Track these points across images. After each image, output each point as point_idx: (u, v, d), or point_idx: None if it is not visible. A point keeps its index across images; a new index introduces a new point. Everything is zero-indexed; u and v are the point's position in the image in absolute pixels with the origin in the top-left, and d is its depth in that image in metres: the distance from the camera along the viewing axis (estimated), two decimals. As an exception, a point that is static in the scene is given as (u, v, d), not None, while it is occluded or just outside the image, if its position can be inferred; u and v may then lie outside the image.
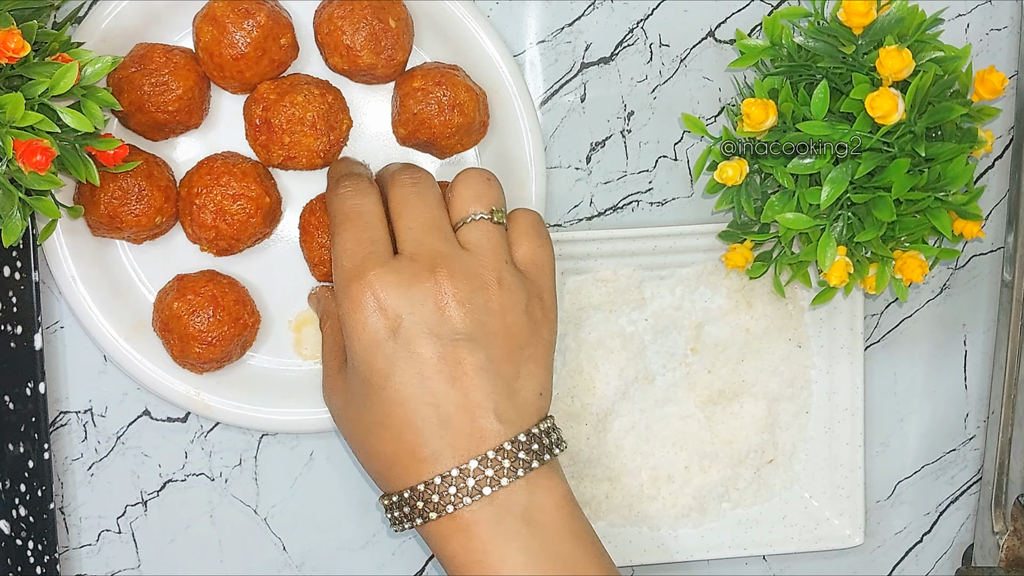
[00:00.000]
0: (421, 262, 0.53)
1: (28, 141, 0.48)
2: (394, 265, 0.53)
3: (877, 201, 0.55)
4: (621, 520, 0.66)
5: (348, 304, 0.53)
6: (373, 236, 0.54)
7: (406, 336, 0.52)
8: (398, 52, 0.60)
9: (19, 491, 0.61)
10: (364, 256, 0.53)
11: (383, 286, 0.52)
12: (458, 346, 0.52)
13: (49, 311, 0.62)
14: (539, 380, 0.54)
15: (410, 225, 0.54)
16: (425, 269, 0.53)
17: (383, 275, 0.52)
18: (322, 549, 0.66)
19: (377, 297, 0.52)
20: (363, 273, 0.52)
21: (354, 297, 0.52)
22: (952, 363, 0.71)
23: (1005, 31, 0.67)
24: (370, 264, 0.52)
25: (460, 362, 0.52)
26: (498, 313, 0.53)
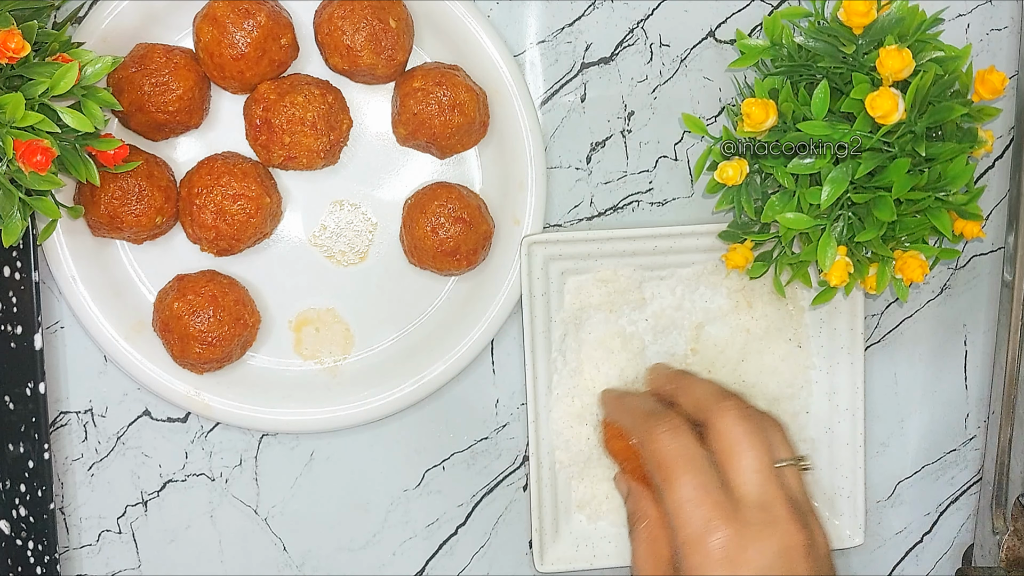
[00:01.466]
0: (770, 511, 0.52)
1: (28, 141, 0.48)
2: (744, 516, 0.52)
3: (877, 201, 0.55)
4: (621, 520, 0.66)
5: (700, 557, 0.52)
6: (708, 483, 0.53)
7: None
8: (398, 52, 0.60)
9: (19, 491, 0.61)
10: (712, 507, 0.52)
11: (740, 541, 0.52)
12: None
13: (49, 311, 0.62)
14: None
15: (753, 468, 0.53)
16: (774, 521, 0.52)
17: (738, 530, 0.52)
18: (322, 549, 0.67)
19: (732, 552, 0.51)
20: (716, 527, 0.52)
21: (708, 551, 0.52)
22: (952, 363, 0.71)
23: (1005, 31, 0.67)
24: (721, 517, 0.52)
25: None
26: (824, 557, 0.54)
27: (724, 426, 0.55)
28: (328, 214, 0.64)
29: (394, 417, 0.65)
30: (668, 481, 0.54)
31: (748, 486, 0.53)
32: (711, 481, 0.53)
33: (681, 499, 0.53)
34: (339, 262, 0.64)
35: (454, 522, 0.67)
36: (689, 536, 0.52)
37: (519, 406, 0.67)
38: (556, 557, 0.65)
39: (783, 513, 0.52)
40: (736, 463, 0.54)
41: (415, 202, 0.62)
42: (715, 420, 0.55)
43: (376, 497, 0.66)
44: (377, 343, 0.65)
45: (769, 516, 0.52)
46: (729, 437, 0.54)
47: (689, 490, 0.53)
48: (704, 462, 0.54)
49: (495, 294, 0.63)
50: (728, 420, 0.55)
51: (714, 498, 0.53)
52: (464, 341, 0.63)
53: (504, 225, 0.63)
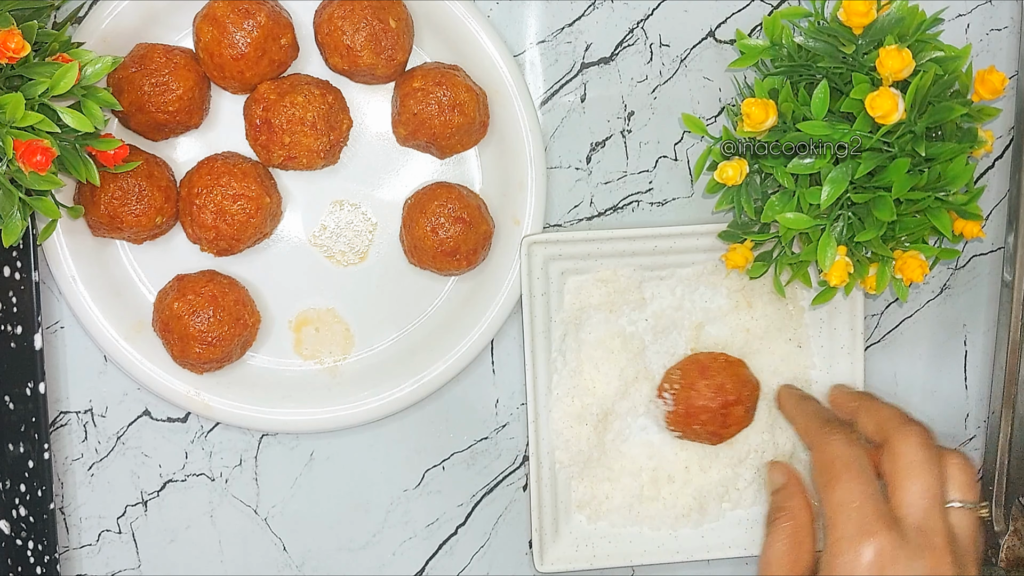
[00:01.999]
0: (928, 537, 0.53)
1: (28, 141, 0.48)
2: (905, 532, 0.52)
3: (877, 201, 0.55)
4: (621, 520, 0.66)
5: (852, 556, 0.52)
6: (875, 493, 0.54)
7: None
8: (398, 52, 0.60)
9: (19, 491, 0.61)
10: (873, 512, 0.53)
11: (893, 550, 0.52)
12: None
13: (49, 311, 0.62)
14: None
15: (922, 494, 0.53)
16: (930, 546, 0.52)
17: (895, 539, 0.52)
18: (322, 549, 0.67)
19: (884, 559, 0.52)
20: (874, 531, 0.52)
21: (860, 552, 0.52)
22: (952, 363, 0.71)
23: (1005, 31, 0.67)
24: (880, 524, 0.52)
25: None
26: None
27: (903, 448, 0.55)
28: (328, 214, 0.64)
29: (394, 417, 0.65)
30: (833, 483, 0.54)
31: (911, 508, 0.53)
32: (876, 492, 0.54)
33: (843, 500, 0.53)
34: (339, 262, 0.64)
35: (454, 522, 0.67)
36: (843, 535, 0.53)
37: (519, 406, 0.67)
38: (556, 557, 0.65)
39: (940, 543, 0.53)
40: (905, 485, 0.54)
41: (415, 202, 0.62)
42: (895, 441, 0.55)
43: (376, 497, 0.66)
44: (377, 343, 0.65)
45: (926, 540, 0.52)
46: (905, 459, 0.54)
47: (854, 493, 0.53)
48: (872, 474, 0.54)
49: (495, 294, 0.63)
50: (908, 443, 0.55)
51: (876, 506, 0.53)
52: (464, 341, 0.63)
53: (504, 225, 0.63)
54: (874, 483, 0.54)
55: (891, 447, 0.55)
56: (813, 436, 0.58)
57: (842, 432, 0.57)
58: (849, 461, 0.55)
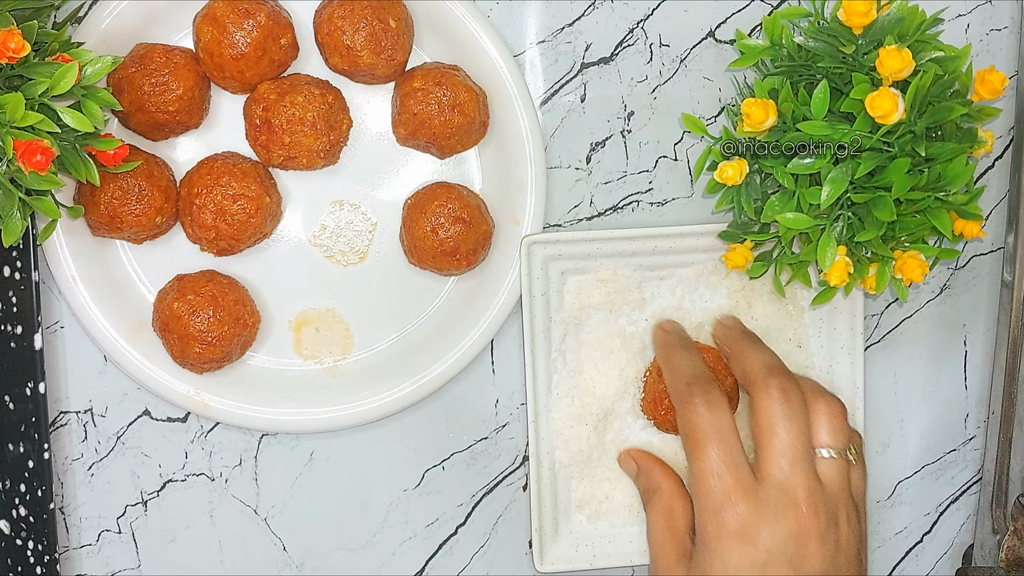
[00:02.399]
0: (790, 495, 0.53)
1: (28, 141, 0.48)
2: (763, 495, 0.53)
3: (877, 201, 0.55)
4: (621, 520, 0.66)
5: (715, 527, 0.53)
6: (736, 459, 0.54)
7: (769, 568, 0.52)
8: (398, 52, 0.60)
9: (19, 491, 0.61)
10: (732, 482, 0.54)
11: (753, 517, 0.53)
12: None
13: (49, 311, 0.62)
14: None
15: (782, 452, 0.54)
16: (793, 504, 0.53)
17: (754, 507, 0.53)
18: (322, 549, 0.67)
19: (746, 526, 0.53)
20: (733, 500, 0.53)
21: (722, 522, 0.53)
22: (952, 363, 0.71)
23: (1005, 31, 0.67)
24: (739, 492, 0.53)
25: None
26: (844, 551, 0.54)
27: (764, 404, 0.55)
28: (328, 214, 0.64)
29: (394, 417, 0.65)
30: (695, 452, 0.55)
31: (772, 468, 0.54)
32: (737, 458, 0.54)
33: (705, 470, 0.54)
34: (339, 262, 0.64)
35: (454, 522, 0.67)
36: (707, 506, 0.54)
37: (519, 406, 0.67)
38: (556, 557, 0.65)
39: (802, 497, 0.53)
40: (767, 444, 0.55)
41: (415, 202, 0.62)
42: (757, 397, 0.56)
43: (376, 497, 0.66)
44: (377, 343, 0.65)
45: (787, 499, 0.53)
46: (766, 416, 0.55)
47: (714, 463, 0.54)
48: (733, 438, 0.55)
49: (495, 294, 0.63)
50: (768, 399, 0.55)
51: (737, 474, 0.54)
52: (464, 341, 0.63)
53: (504, 225, 0.63)
54: (734, 448, 0.54)
55: (753, 403, 0.56)
56: (677, 399, 0.58)
57: (703, 395, 0.56)
58: (707, 429, 0.55)
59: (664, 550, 0.58)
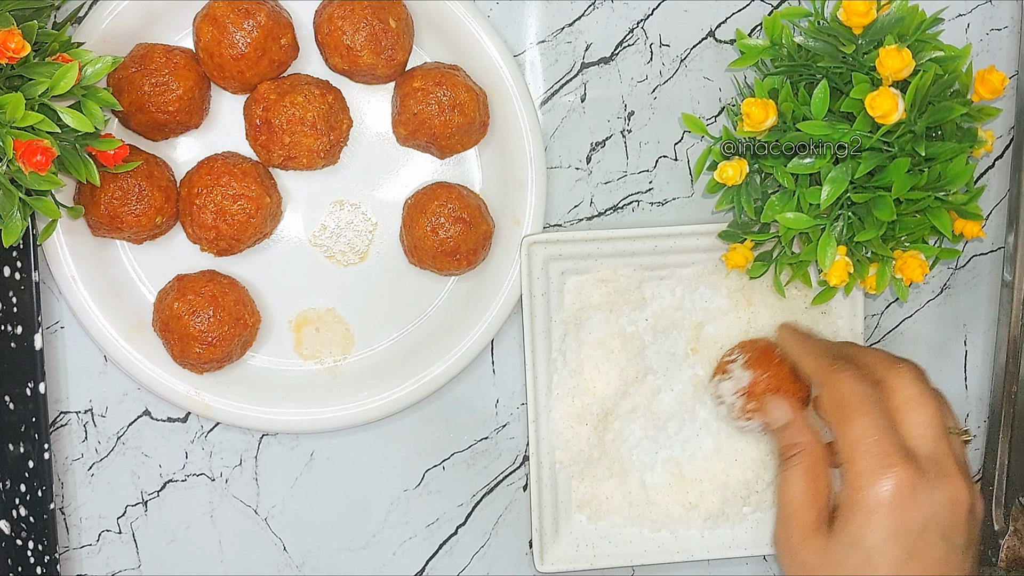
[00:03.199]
0: (943, 464, 0.54)
1: (28, 141, 0.48)
2: (921, 463, 0.53)
3: (877, 201, 0.55)
4: (621, 520, 0.66)
5: (873, 490, 0.53)
6: (889, 427, 0.54)
7: (925, 535, 0.52)
8: (398, 52, 0.60)
9: (19, 491, 0.61)
10: (890, 446, 0.53)
11: (913, 481, 0.52)
12: (963, 556, 0.53)
13: (49, 311, 0.62)
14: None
15: (927, 424, 0.54)
16: (946, 473, 0.53)
17: (913, 472, 0.53)
18: (322, 549, 0.67)
19: (904, 491, 0.52)
20: (893, 464, 0.53)
21: (881, 485, 0.53)
22: (952, 363, 0.70)
23: (1005, 31, 0.67)
24: (898, 456, 0.53)
25: (961, 570, 0.53)
26: (977, 525, 0.55)
27: (901, 384, 0.55)
28: (328, 214, 0.64)
29: (394, 417, 0.65)
30: (849, 419, 0.55)
31: (920, 440, 0.54)
32: (890, 426, 0.54)
33: (861, 435, 0.54)
34: (339, 262, 0.64)
35: (454, 522, 0.67)
36: (863, 470, 0.53)
37: (519, 406, 0.67)
38: (556, 557, 0.65)
39: (954, 469, 0.53)
40: (910, 418, 0.55)
41: (415, 202, 0.62)
42: (892, 379, 0.56)
43: (376, 497, 0.66)
44: (377, 343, 0.65)
45: (941, 469, 0.53)
46: (905, 393, 0.55)
47: (870, 428, 0.54)
48: (884, 408, 0.55)
49: (495, 294, 0.63)
50: (905, 379, 0.56)
51: (892, 440, 0.53)
52: (464, 341, 0.63)
53: (504, 225, 0.63)
54: (887, 417, 0.54)
55: (888, 384, 0.56)
56: (824, 373, 0.58)
57: (852, 368, 0.56)
58: (862, 397, 0.55)
59: (804, 511, 0.56)
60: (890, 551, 0.52)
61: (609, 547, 0.66)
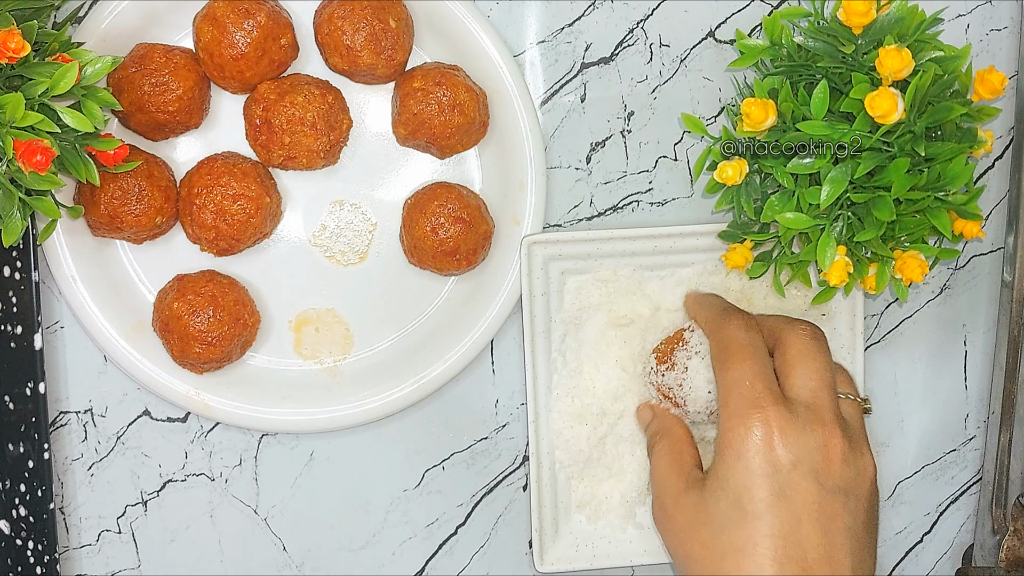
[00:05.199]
0: (817, 412, 0.54)
1: (28, 141, 0.48)
2: (792, 407, 0.54)
3: (877, 201, 0.55)
4: (621, 520, 0.66)
5: (742, 430, 0.53)
6: (768, 373, 0.55)
7: (794, 475, 0.52)
8: (398, 52, 0.60)
9: (19, 491, 0.61)
10: (764, 389, 0.54)
11: (781, 423, 0.53)
12: (836, 499, 0.53)
13: (49, 311, 0.62)
14: (875, 562, 0.55)
15: (810, 376, 0.55)
16: (820, 421, 0.53)
17: (783, 413, 0.53)
18: (322, 549, 0.67)
19: (773, 431, 0.53)
20: (763, 406, 0.53)
21: (749, 425, 0.53)
22: (952, 363, 0.71)
23: (1005, 31, 0.67)
24: (770, 398, 0.53)
25: (834, 516, 0.52)
26: (867, 481, 0.55)
27: (793, 339, 0.56)
28: (328, 214, 0.64)
29: (394, 417, 0.65)
30: (727, 363, 0.55)
31: (801, 389, 0.55)
32: (769, 372, 0.55)
33: (735, 378, 0.55)
34: (339, 262, 0.64)
35: (454, 522, 0.67)
36: (734, 412, 0.54)
37: (519, 406, 0.67)
38: (556, 557, 0.65)
39: (830, 419, 0.54)
40: (796, 370, 0.55)
41: (415, 202, 0.62)
42: (787, 335, 0.57)
43: (376, 497, 0.66)
44: (377, 343, 0.65)
45: (815, 416, 0.54)
46: (795, 348, 0.56)
47: (746, 373, 0.54)
48: (766, 356, 0.56)
49: (495, 294, 0.63)
50: (799, 336, 0.56)
51: (768, 384, 0.54)
52: (464, 341, 0.63)
53: (504, 225, 0.63)
54: (768, 365, 0.55)
55: (782, 341, 0.57)
56: (713, 323, 0.59)
57: (741, 317, 0.58)
58: (744, 343, 0.56)
59: (669, 482, 0.57)
60: (758, 490, 0.52)
61: (609, 547, 0.66)
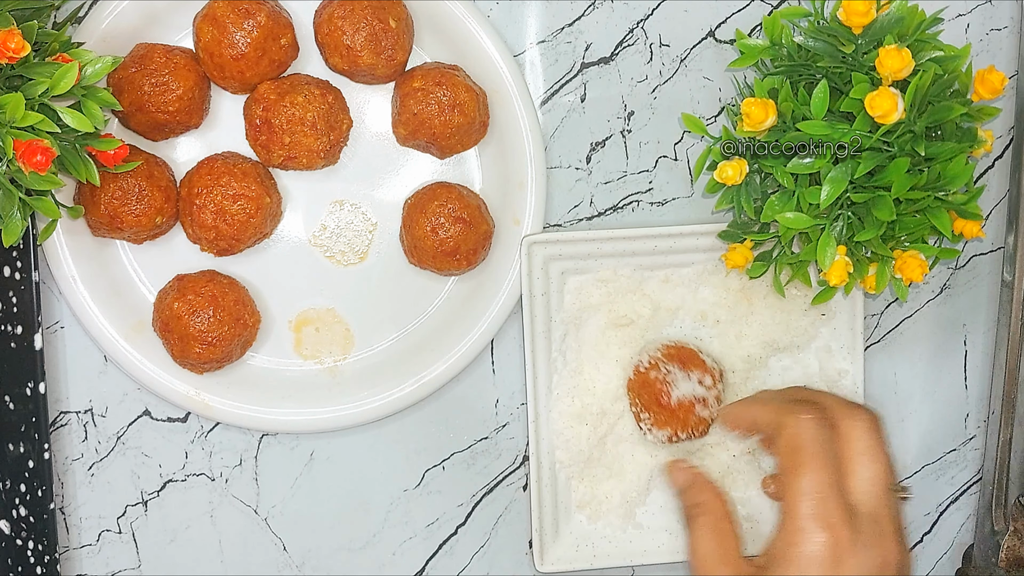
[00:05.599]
0: (881, 526, 0.53)
1: (28, 141, 0.48)
2: (860, 523, 0.53)
3: (877, 201, 0.55)
4: (621, 520, 0.66)
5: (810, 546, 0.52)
6: (838, 484, 0.53)
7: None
8: (398, 52, 0.60)
9: (19, 491, 0.61)
10: (836, 504, 0.53)
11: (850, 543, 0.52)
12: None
13: (49, 311, 0.62)
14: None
15: (874, 481, 0.54)
16: (883, 534, 0.53)
17: (851, 533, 0.52)
18: (322, 549, 0.67)
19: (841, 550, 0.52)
20: (833, 524, 0.52)
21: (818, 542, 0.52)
22: (952, 363, 0.71)
23: (1005, 31, 0.67)
24: (839, 516, 0.52)
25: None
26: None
27: (857, 434, 0.55)
28: (328, 214, 0.64)
29: (394, 417, 0.65)
30: (799, 469, 0.54)
31: (865, 496, 0.54)
32: (838, 482, 0.53)
33: (807, 489, 0.53)
34: (339, 262, 0.64)
35: (454, 522, 0.67)
36: (802, 526, 0.53)
37: (519, 406, 0.67)
38: (556, 557, 0.65)
39: (890, 530, 0.53)
40: (859, 471, 0.54)
41: (415, 202, 0.62)
42: (847, 425, 0.55)
43: (376, 497, 0.66)
44: (377, 343, 0.65)
45: (879, 529, 0.53)
46: (859, 445, 0.54)
47: (819, 484, 0.53)
48: (836, 463, 0.54)
49: (495, 294, 0.63)
50: (861, 429, 0.55)
51: (838, 499, 0.53)
52: (464, 341, 0.63)
53: (504, 225, 0.63)
54: (838, 472, 0.54)
55: (842, 432, 0.55)
56: (783, 416, 0.57)
57: (815, 413, 0.56)
58: (818, 448, 0.54)
59: (715, 567, 0.56)
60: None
61: (609, 547, 0.66)
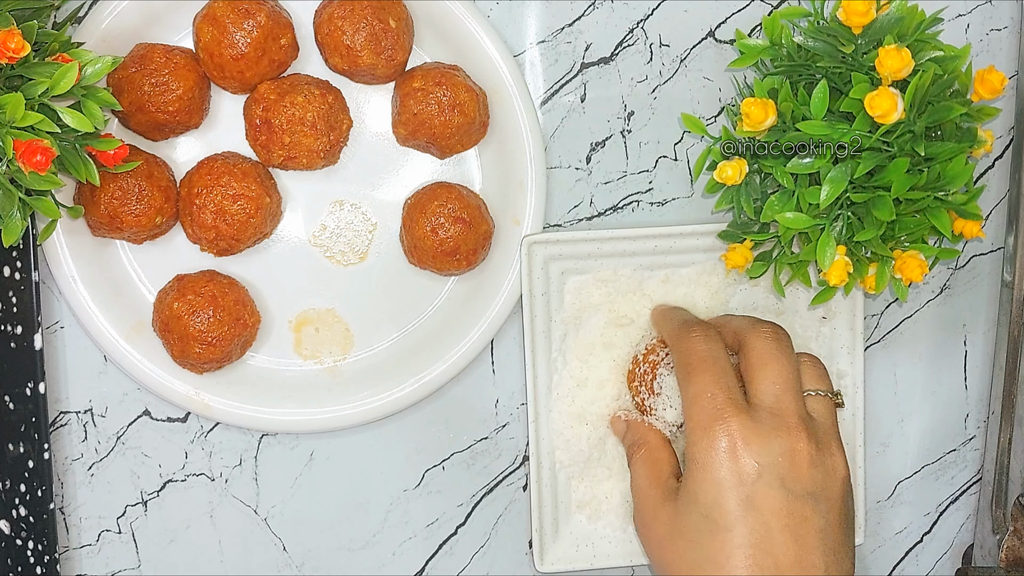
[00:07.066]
0: (781, 417, 0.54)
1: (28, 141, 0.48)
2: (755, 415, 0.54)
3: (876, 201, 0.55)
4: (621, 520, 0.66)
5: (706, 443, 0.53)
6: (730, 383, 0.55)
7: (760, 484, 0.52)
8: (398, 52, 0.60)
9: (19, 491, 0.61)
10: (725, 400, 0.54)
11: (744, 432, 0.53)
12: (804, 504, 0.53)
13: (49, 311, 0.62)
14: (852, 559, 0.55)
15: (774, 380, 0.55)
16: (784, 426, 0.54)
17: (746, 422, 0.53)
18: (322, 549, 0.67)
19: (737, 441, 0.53)
20: (725, 416, 0.53)
21: (713, 437, 0.53)
22: (952, 363, 0.71)
23: (1005, 31, 0.67)
24: (731, 409, 0.54)
25: (804, 520, 0.53)
26: (837, 482, 0.55)
27: (755, 342, 0.57)
28: (328, 214, 0.64)
29: (394, 417, 0.65)
30: (690, 377, 0.56)
31: (764, 395, 0.55)
32: (730, 381, 0.55)
33: (698, 391, 0.55)
34: (339, 262, 0.64)
35: (454, 522, 0.67)
36: (698, 424, 0.54)
37: (519, 406, 0.67)
38: (556, 557, 0.65)
39: (794, 423, 0.54)
40: (759, 375, 0.56)
41: (415, 202, 0.62)
42: (749, 338, 0.57)
43: (376, 497, 0.66)
44: (377, 343, 0.65)
45: (779, 421, 0.54)
46: (757, 351, 0.56)
47: (708, 384, 0.55)
48: (727, 365, 0.56)
49: (495, 294, 0.63)
50: (760, 338, 0.57)
51: (729, 393, 0.54)
52: (464, 341, 0.63)
53: (504, 225, 0.63)
54: (729, 375, 0.55)
55: (744, 344, 0.57)
56: (675, 337, 0.59)
57: (700, 329, 0.58)
58: (705, 355, 0.56)
59: (647, 493, 0.58)
60: (727, 502, 0.52)
61: (609, 547, 0.66)
